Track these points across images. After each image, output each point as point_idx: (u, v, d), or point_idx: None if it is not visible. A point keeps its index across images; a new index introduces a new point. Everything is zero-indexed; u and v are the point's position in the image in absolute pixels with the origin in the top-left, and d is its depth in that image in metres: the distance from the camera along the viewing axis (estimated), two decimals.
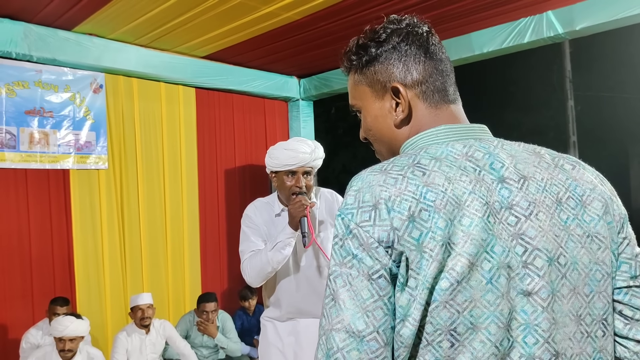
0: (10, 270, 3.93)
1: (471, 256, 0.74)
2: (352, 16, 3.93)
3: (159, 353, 4.18)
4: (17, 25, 3.77)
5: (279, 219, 2.43)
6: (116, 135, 4.49)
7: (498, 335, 0.74)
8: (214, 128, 5.20)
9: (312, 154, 2.37)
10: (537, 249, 0.78)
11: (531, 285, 0.77)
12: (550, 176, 0.84)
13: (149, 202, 4.66)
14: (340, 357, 0.74)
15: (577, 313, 0.80)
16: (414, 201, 0.75)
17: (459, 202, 0.75)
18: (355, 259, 0.75)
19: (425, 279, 0.73)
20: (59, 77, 4.17)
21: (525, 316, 0.76)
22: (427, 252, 0.73)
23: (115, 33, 4.15)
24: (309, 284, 2.42)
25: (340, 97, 5.80)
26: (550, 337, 0.76)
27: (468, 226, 0.74)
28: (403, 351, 0.75)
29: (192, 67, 4.78)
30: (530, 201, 0.80)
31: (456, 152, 0.82)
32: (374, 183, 0.78)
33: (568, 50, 8.66)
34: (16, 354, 3.77)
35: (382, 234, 0.74)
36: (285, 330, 2.46)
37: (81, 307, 4.16)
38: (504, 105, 9.39)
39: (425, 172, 0.78)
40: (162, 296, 4.65)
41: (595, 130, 8.77)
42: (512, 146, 0.88)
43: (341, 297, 0.75)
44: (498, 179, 0.80)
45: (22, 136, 3.99)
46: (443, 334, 0.74)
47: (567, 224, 0.82)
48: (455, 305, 0.73)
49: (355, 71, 0.97)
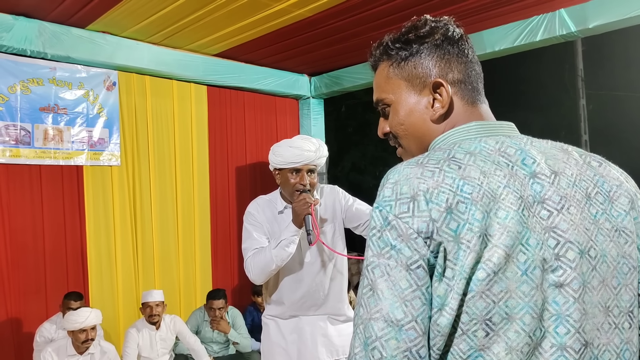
0: (24, 265, 3.99)
1: (507, 248, 0.75)
2: (364, 13, 3.94)
3: (169, 348, 4.22)
4: (31, 23, 3.82)
5: (281, 216, 2.43)
6: (129, 133, 4.54)
7: (532, 325, 0.76)
8: (225, 126, 5.23)
9: (317, 152, 2.38)
10: (569, 242, 0.80)
11: (563, 276, 0.79)
12: (579, 172, 0.87)
13: (160, 199, 4.70)
14: (379, 346, 0.75)
15: (606, 304, 0.82)
16: (451, 193, 0.77)
17: (494, 195, 0.77)
18: (393, 250, 0.77)
19: (463, 269, 0.75)
20: (72, 75, 4.21)
21: (557, 307, 0.78)
22: (464, 243, 0.75)
23: (128, 31, 4.19)
24: (312, 281, 2.43)
25: (351, 96, 5.82)
26: (580, 327, 0.78)
27: (504, 218, 0.76)
28: (439, 340, 0.76)
29: (204, 64, 4.81)
30: (562, 195, 0.82)
31: (489, 147, 0.84)
32: (411, 176, 0.80)
33: (580, 48, 8.60)
34: (30, 347, 3.82)
35: (421, 224, 0.76)
36: (288, 328, 2.47)
37: (94, 301, 4.21)
38: (514, 104, 9.34)
39: (461, 165, 0.80)
40: (173, 292, 4.69)
41: (607, 129, 8.70)
42: (541, 143, 0.91)
43: (379, 287, 0.77)
44: (530, 174, 0.82)
45: (37, 133, 4.04)
46: (478, 324, 0.75)
47: (597, 218, 0.84)
48: (491, 295, 0.75)
49: (391, 65, 0.98)
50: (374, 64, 1.03)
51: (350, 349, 0.80)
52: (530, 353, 0.77)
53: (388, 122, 1.01)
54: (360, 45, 4.63)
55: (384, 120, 1.02)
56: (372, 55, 1.03)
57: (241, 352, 4.61)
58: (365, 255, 0.81)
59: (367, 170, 11.32)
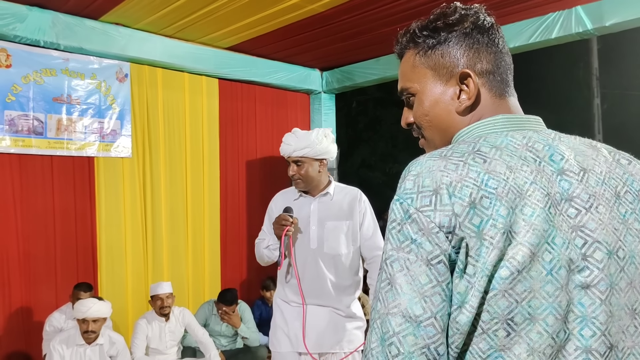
0: (35, 255, 4.02)
1: (533, 246, 0.73)
2: (377, 9, 3.91)
3: (177, 340, 4.24)
4: (45, 14, 3.83)
5: (297, 202, 2.58)
6: (140, 124, 4.55)
7: (555, 326, 0.74)
8: (236, 119, 5.23)
9: (296, 144, 2.48)
10: (597, 242, 0.77)
11: (590, 277, 0.76)
12: (608, 170, 0.84)
13: (171, 191, 4.71)
14: (396, 342, 0.73)
15: (632, 307, 0.80)
16: (475, 188, 0.74)
17: (520, 191, 0.75)
18: (414, 244, 0.75)
19: (485, 267, 0.72)
20: (85, 66, 4.23)
21: (583, 309, 0.75)
22: (487, 240, 0.72)
23: (141, 23, 4.19)
24: (316, 268, 2.49)
25: (362, 92, 5.79)
26: (607, 329, 0.76)
27: (530, 216, 0.74)
28: (458, 338, 0.74)
29: (216, 58, 4.81)
30: (591, 194, 0.80)
31: (516, 142, 0.82)
32: (434, 168, 0.77)
33: (596, 47, 8.50)
34: (40, 336, 3.86)
35: (443, 219, 0.74)
36: (292, 315, 2.55)
37: (103, 292, 4.24)
38: (527, 101, 9.24)
39: (486, 159, 0.77)
40: (182, 284, 4.71)
41: (621, 128, 8.60)
42: (569, 139, 0.88)
43: (398, 281, 0.75)
44: (558, 171, 0.80)
45: (50, 123, 4.06)
46: (500, 323, 0.73)
47: (626, 218, 0.82)
48: (514, 294, 0.73)
49: (417, 53, 0.94)
50: (400, 51, 0.99)
51: (367, 344, 0.78)
52: (554, 355, 0.75)
53: (412, 112, 0.98)
54: (372, 40, 4.60)
55: (408, 110, 0.99)
56: (398, 42, 0.99)
57: (249, 346, 4.62)
58: (384, 249, 0.79)
59: (376, 166, 11.28)
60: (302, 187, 2.55)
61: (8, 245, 3.90)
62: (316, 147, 2.48)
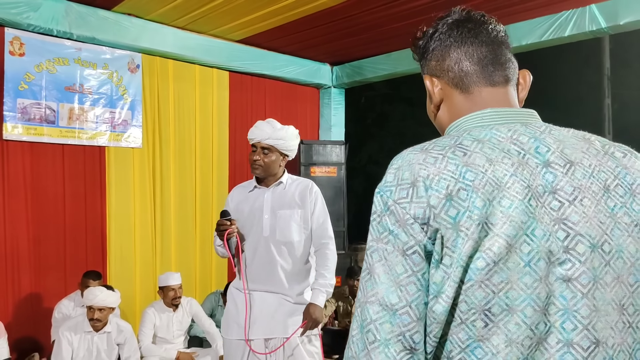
0: (45, 242, 4.06)
1: (509, 237, 0.74)
2: (389, 4, 3.91)
3: (184, 330, 4.27)
4: (59, 3, 3.85)
5: (252, 194, 2.69)
6: (151, 115, 4.57)
7: (534, 318, 0.74)
8: (246, 112, 5.24)
9: (273, 133, 2.57)
10: (580, 235, 0.77)
11: (571, 270, 0.76)
12: (598, 163, 0.83)
13: (180, 182, 4.74)
14: (373, 329, 0.76)
15: (620, 302, 0.78)
16: (453, 180, 0.76)
17: (499, 183, 0.76)
18: (391, 235, 0.77)
19: (460, 257, 0.74)
20: (97, 56, 4.25)
21: (564, 302, 0.75)
22: (462, 231, 0.74)
23: (153, 14, 4.21)
24: (267, 255, 2.54)
25: (371, 87, 5.78)
26: (590, 324, 0.76)
27: (507, 208, 0.75)
28: (435, 327, 0.76)
29: (227, 50, 4.82)
30: (575, 186, 0.79)
31: (501, 135, 0.82)
32: (413, 161, 0.80)
33: (608, 46, 8.43)
34: (48, 322, 3.90)
35: (418, 210, 0.76)
36: (242, 301, 2.58)
37: (111, 280, 4.27)
38: (537, 101, 9.20)
39: (467, 152, 0.79)
40: (189, 275, 4.74)
41: (631, 129, 8.54)
42: (561, 131, 0.87)
43: (376, 271, 0.78)
44: (543, 163, 0.80)
45: (62, 112, 4.09)
46: (477, 314, 0.74)
47: (614, 212, 0.80)
48: (490, 285, 0.74)
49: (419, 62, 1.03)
50: None
51: (350, 332, 0.81)
52: (534, 347, 0.75)
53: None
54: (383, 36, 4.60)
55: None
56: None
57: None
58: (368, 240, 0.82)
59: (384, 162, 11.20)
60: (259, 174, 2.63)
61: (18, 233, 3.94)
62: (288, 143, 2.61)
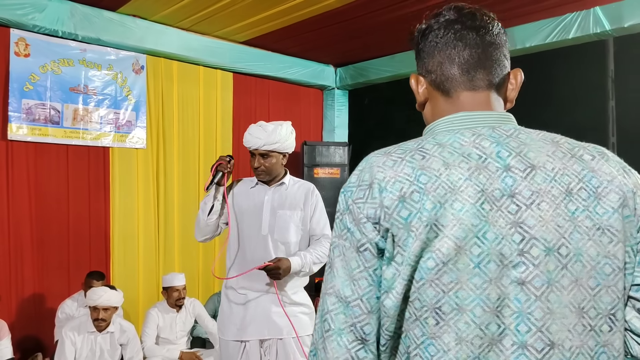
0: (48, 242, 4.07)
1: (458, 239, 0.76)
2: (392, 6, 3.91)
3: (187, 331, 4.27)
4: (64, 5, 3.87)
5: (253, 190, 2.67)
6: (155, 116, 4.58)
7: (483, 318, 0.76)
8: (250, 113, 5.25)
9: (267, 139, 2.56)
10: (535, 238, 0.78)
11: (525, 273, 0.78)
12: (563, 166, 0.83)
13: (183, 183, 4.75)
14: (329, 319, 0.83)
15: (580, 305, 0.79)
16: (408, 183, 0.80)
17: (452, 187, 0.78)
18: (348, 232, 0.83)
19: (409, 256, 0.78)
20: (102, 57, 4.26)
21: (519, 304, 0.77)
22: (413, 231, 0.78)
23: (157, 15, 4.22)
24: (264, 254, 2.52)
25: (374, 89, 5.78)
26: (543, 326, 0.77)
27: (459, 210, 0.77)
28: (387, 320, 0.80)
29: (231, 52, 4.83)
30: (534, 190, 0.80)
31: (464, 139, 0.84)
32: (374, 164, 0.84)
33: (612, 49, 8.41)
34: (52, 322, 3.91)
35: (370, 210, 0.81)
36: (237, 301, 2.58)
37: (115, 281, 4.28)
38: (540, 103, 9.19)
39: (425, 156, 0.82)
40: (192, 275, 4.74)
41: (636, 131, 8.52)
42: (530, 135, 0.87)
43: (336, 265, 0.84)
44: (503, 167, 0.81)
45: (67, 112, 4.10)
46: (429, 311, 0.78)
47: (575, 215, 0.80)
48: (440, 284, 0.77)
49: None
50: None
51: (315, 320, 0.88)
52: (486, 347, 0.76)
53: None
54: (387, 37, 4.60)
55: None
56: None
57: None
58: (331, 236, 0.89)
59: None
60: (264, 178, 2.63)
61: (22, 233, 3.95)
62: (285, 143, 2.61)
